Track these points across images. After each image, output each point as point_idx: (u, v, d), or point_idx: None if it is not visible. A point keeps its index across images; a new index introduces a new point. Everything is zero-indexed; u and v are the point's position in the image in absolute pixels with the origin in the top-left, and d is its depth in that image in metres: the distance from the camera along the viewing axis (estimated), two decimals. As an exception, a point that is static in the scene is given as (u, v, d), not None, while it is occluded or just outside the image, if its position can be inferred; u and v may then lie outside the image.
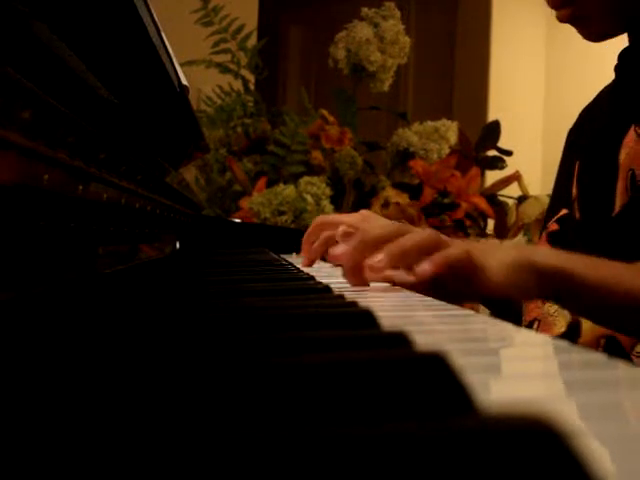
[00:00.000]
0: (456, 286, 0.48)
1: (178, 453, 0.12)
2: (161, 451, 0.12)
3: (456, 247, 0.47)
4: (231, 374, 0.17)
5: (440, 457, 0.11)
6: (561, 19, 0.63)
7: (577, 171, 0.67)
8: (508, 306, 0.74)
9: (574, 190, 0.67)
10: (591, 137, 0.68)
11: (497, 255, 0.48)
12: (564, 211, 0.69)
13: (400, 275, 0.50)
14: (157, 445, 0.12)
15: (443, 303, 0.41)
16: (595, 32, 0.64)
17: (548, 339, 0.28)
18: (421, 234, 0.48)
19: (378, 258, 0.47)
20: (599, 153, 0.64)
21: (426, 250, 0.47)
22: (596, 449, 0.13)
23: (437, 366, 0.17)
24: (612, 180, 0.60)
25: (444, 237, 0.49)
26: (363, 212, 0.73)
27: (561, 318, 0.64)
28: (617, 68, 0.67)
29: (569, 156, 0.71)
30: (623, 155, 0.59)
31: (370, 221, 0.78)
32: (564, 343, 0.25)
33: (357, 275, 0.51)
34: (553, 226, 0.70)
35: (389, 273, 0.50)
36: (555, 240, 0.68)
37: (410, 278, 0.48)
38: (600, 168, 0.62)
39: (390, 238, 0.49)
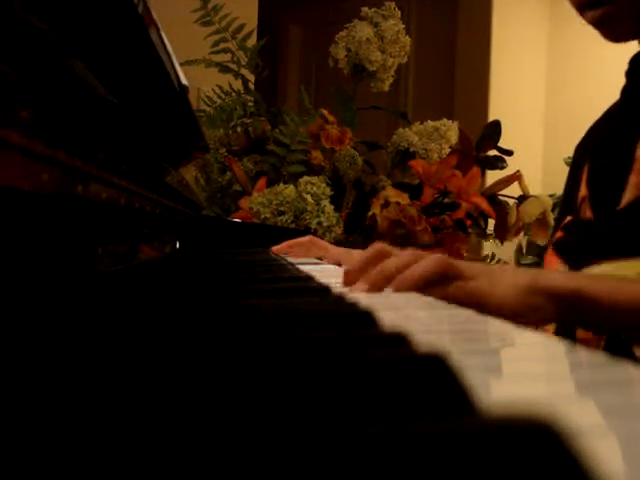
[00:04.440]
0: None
1: (177, 453, 0.12)
2: (161, 451, 0.12)
3: (454, 284, 0.49)
4: (231, 374, 0.17)
5: (439, 457, 0.11)
6: (592, 19, 0.63)
7: (587, 172, 0.67)
8: None
9: (582, 191, 0.67)
10: (602, 140, 0.69)
11: (507, 281, 0.49)
12: (568, 218, 0.69)
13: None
14: (158, 445, 0.12)
15: (442, 303, 0.41)
16: (623, 32, 0.64)
17: (549, 339, 0.28)
18: (431, 263, 0.49)
19: (392, 287, 0.48)
20: (612, 149, 0.65)
21: (435, 277, 0.49)
22: (599, 449, 0.13)
23: (437, 366, 0.17)
24: (624, 174, 0.60)
25: (455, 263, 0.50)
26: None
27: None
28: (628, 73, 0.68)
29: (577, 166, 0.72)
30: None
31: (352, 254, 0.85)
32: (565, 343, 0.25)
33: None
34: (558, 234, 0.70)
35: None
36: (560, 247, 0.68)
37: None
38: (613, 163, 0.63)
39: (402, 266, 0.50)
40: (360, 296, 0.44)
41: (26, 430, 0.14)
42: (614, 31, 0.63)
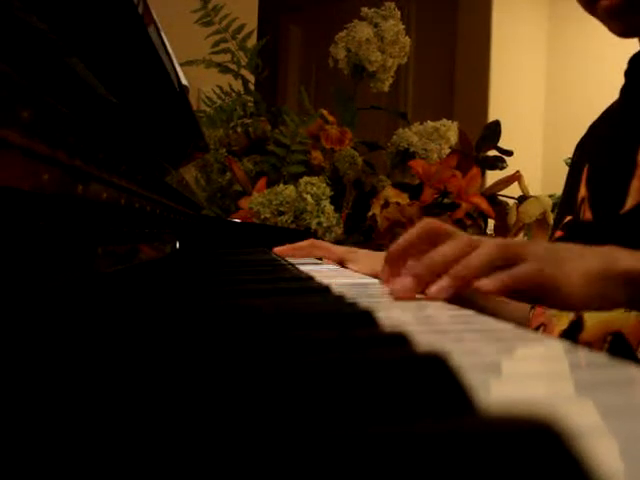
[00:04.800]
0: (523, 301, 0.45)
1: (178, 453, 0.12)
2: (162, 451, 0.12)
3: (527, 265, 0.43)
4: (231, 374, 0.17)
5: (440, 457, 0.11)
6: (604, 10, 0.61)
7: (586, 174, 0.67)
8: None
9: (582, 192, 0.67)
10: (602, 141, 0.68)
11: (578, 266, 0.45)
12: (568, 217, 0.69)
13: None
14: (158, 445, 0.12)
15: (442, 303, 0.41)
16: (633, 25, 0.63)
17: (550, 339, 0.28)
18: (489, 250, 0.44)
19: (443, 283, 0.43)
20: (613, 152, 0.64)
21: (496, 265, 0.43)
22: (599, 449, 0.13)
23: (437, 366, 0.17)
24: (626, 178, 0.60)
25: (516, 246, 0.45)
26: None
27: (564, 316, 0.64)
28: (627, 72, 0.68)
29: (577, 165, 0.72)
30: None
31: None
32: (566, 343, 0.25)
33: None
34: (558, 233, 0.70)
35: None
36: None
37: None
38: (614, 166, 0.63)
39: (458, 256, 0.44)
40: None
41: (26, 430, 0.14)
42: (624, 23, 0.62)
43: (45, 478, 0.11)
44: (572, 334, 0.62)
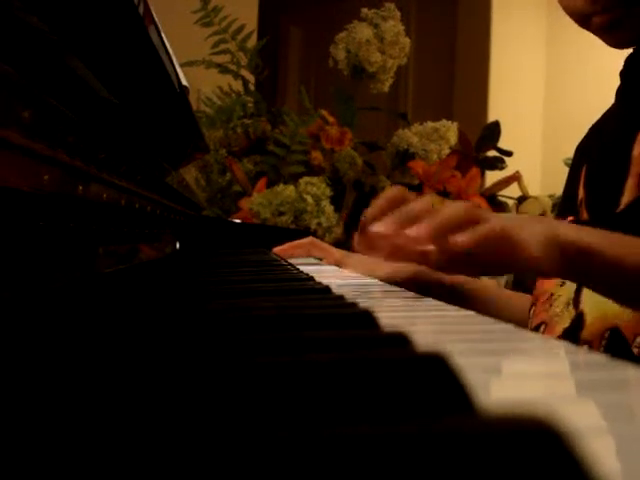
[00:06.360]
0: (486, 260, 0.48)
1: (178, 453, 0.12)
2: (161, 451, 0.12)
3: (491, 223, 0.47)
4: (231, 374, 0.17)
5: (439, 457, 0.11)
6: (599, 25, 0.63)
7: (584, 174, 0.68)
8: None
9: (580, 193, 0.67)
10: (600, 143, 0.69)
11: (529, 229, 0.49)
12: (570, 218, 0.69)
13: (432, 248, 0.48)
14: (157, 445, 0.12)
15: (442, 303, 0.41)
16: (627, 37, 0.64)
17: (549, 339, 0.28)
18: (457, 208, 0.48)
19: (416, 231, 0.47)
20: (609, 152, 0.65)
21: (463, 224, 0.47)
22: (598, 449, 0.13)
23: (437, 366, 0.17)
24: (621, 177, 0.60)
25: (481, 211, 0.49)
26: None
27: (566, 315, 0.64)
28: (622, 73, 0.69)
29: (577, 166, 0.72)
30: (637, 151, 0.60)
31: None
32: (565, 344, 0.25)
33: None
34: None
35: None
36: None
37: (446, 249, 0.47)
38: (610, 166, 0.63)
39: (427, 214, 0.48)
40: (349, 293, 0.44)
41: (26, 431, 0.14)
42: (617, 37, 0.64)
43: (45, 478, 0.11)
44: (574, 332, 0.62)
